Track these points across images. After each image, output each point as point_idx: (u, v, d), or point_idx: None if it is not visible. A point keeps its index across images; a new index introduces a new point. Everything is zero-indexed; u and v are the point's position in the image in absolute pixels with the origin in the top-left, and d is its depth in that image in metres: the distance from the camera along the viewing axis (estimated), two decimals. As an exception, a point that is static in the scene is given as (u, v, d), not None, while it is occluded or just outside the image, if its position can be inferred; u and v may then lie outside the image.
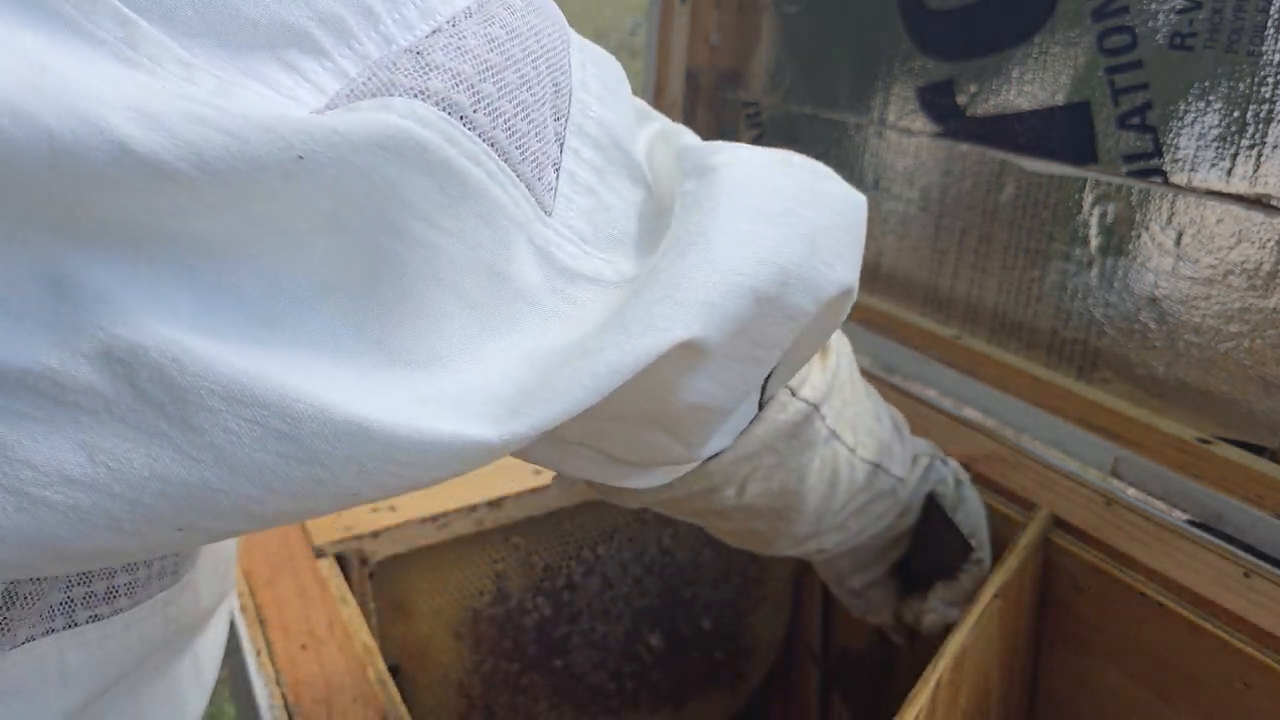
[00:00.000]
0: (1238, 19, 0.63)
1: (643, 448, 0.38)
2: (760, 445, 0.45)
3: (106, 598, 0.35)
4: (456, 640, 0.75)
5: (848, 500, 0.55)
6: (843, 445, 0.52)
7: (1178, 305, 0.70)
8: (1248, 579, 0.60)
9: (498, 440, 0.26)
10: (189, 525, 0.24)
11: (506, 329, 0.28)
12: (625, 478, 0.41)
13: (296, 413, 0.23)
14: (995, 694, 0.65)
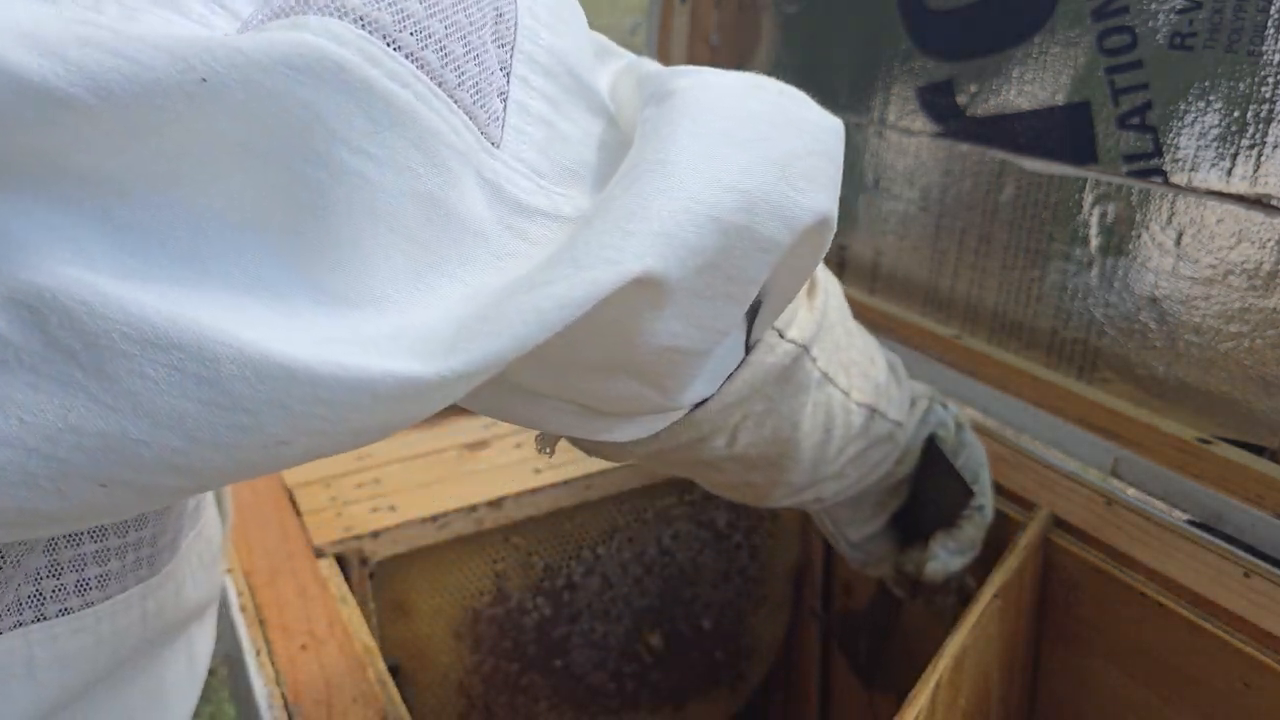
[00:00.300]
0: (1238, 19, 0.63)
1: (618, 398, 0.36)
2: (749, 391, 0.42)
3: (77, 590, 0.34)
4: (456, 640, 0.75)
5: (843, 446, 0.53)
6: (836, 389, 0.49)
7: (1178, 305, 0.70)
8: (1248, 579, 0.60)
9: (433, 376, 0.24)
10: (112, 480, 0.23)
11: (456, 267, 0.26)
12: (606, 431, 0.39)
13: (214, 354, 0.21)
14: (995, 694, 0.65)
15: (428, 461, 0.76)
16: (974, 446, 0.65)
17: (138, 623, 0.38)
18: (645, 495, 0.79)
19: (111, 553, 0.35)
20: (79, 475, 0.22)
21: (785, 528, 0.87)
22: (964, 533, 0.64)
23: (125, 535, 0.36)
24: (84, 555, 0.34)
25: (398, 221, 0.25)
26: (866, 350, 0.54)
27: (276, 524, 0.68)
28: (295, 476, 0.74)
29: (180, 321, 0.21)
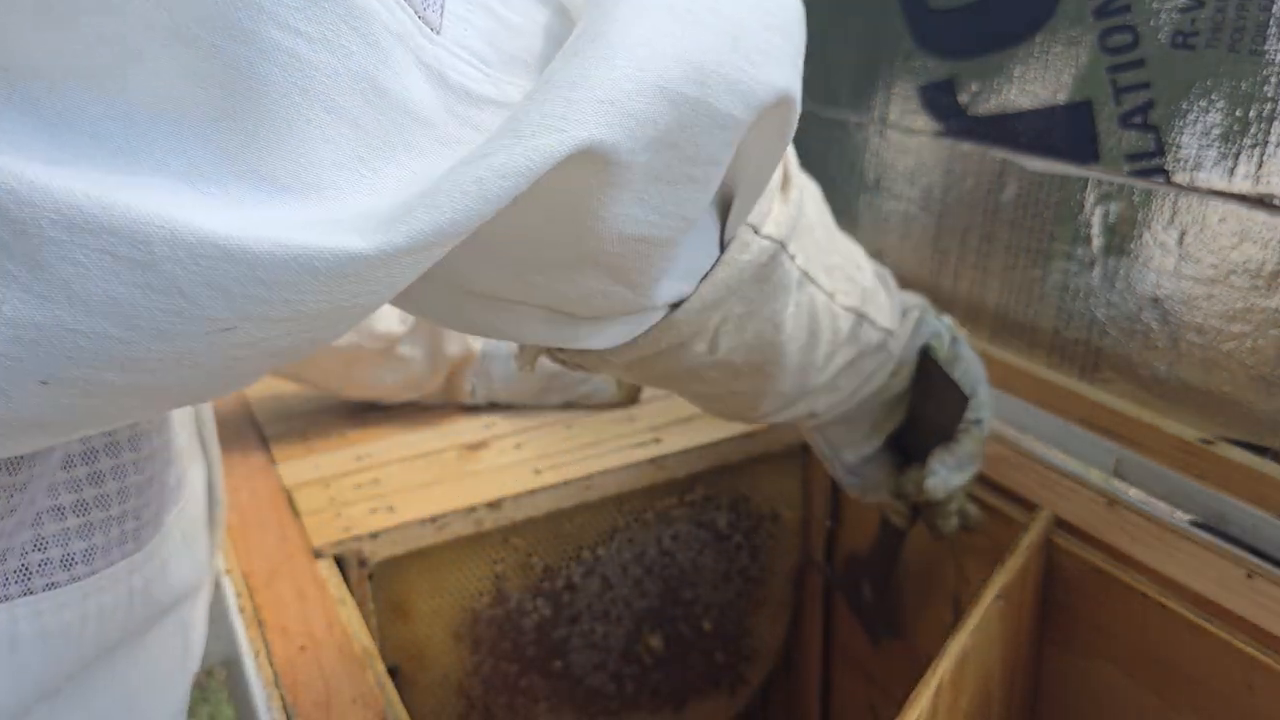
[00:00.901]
0: (1240, 18, 0.63)
1: (588, 297, 0.35)
2: (726, 290, 0.41)
3: (63, 565, 0.34)
4: (456, 642, 0.74)
5: (832, 353, 0.51)
6: (819, 290, 0.48)
7: (1180, 305, 0.70)
8: (1250, 580, 0.60)
9: (374, 251, 0.23)
10: (53, 378, 0.22)
11: (401, 153, 0.25)
12: (583, 337, 0.38)
13: (146, 236, 0.21)
14: (997, 695, 0.65)
15: (427, 462, 0.76)
16: (970, 359, 0.63)
17: (124, 600, 0.37)
18: (645, 496, 0.78)
19: (96, 526, 0.35)
20: (19, 371, 0.22)
21: (786, 528, 0.86)
22: (963, 447, 0.63)
23: (109, 509, 0.36)
24: (69, 529, 0.34)
25: (335, 103, 0.24)
26: (850, 255, 0.53)
27: (275, 525, 0.68)
28: (294, 478, 0.74)
29: (110, 205, 0.21)
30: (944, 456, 0.63)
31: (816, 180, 0.53)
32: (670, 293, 0.39)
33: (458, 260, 0.31)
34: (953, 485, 0.63)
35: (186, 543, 0.43)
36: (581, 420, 0.82)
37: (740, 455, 0.80)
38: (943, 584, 0.77)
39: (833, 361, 0.52)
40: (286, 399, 0.86)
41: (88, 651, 0.36)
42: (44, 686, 0.35)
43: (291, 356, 0.26)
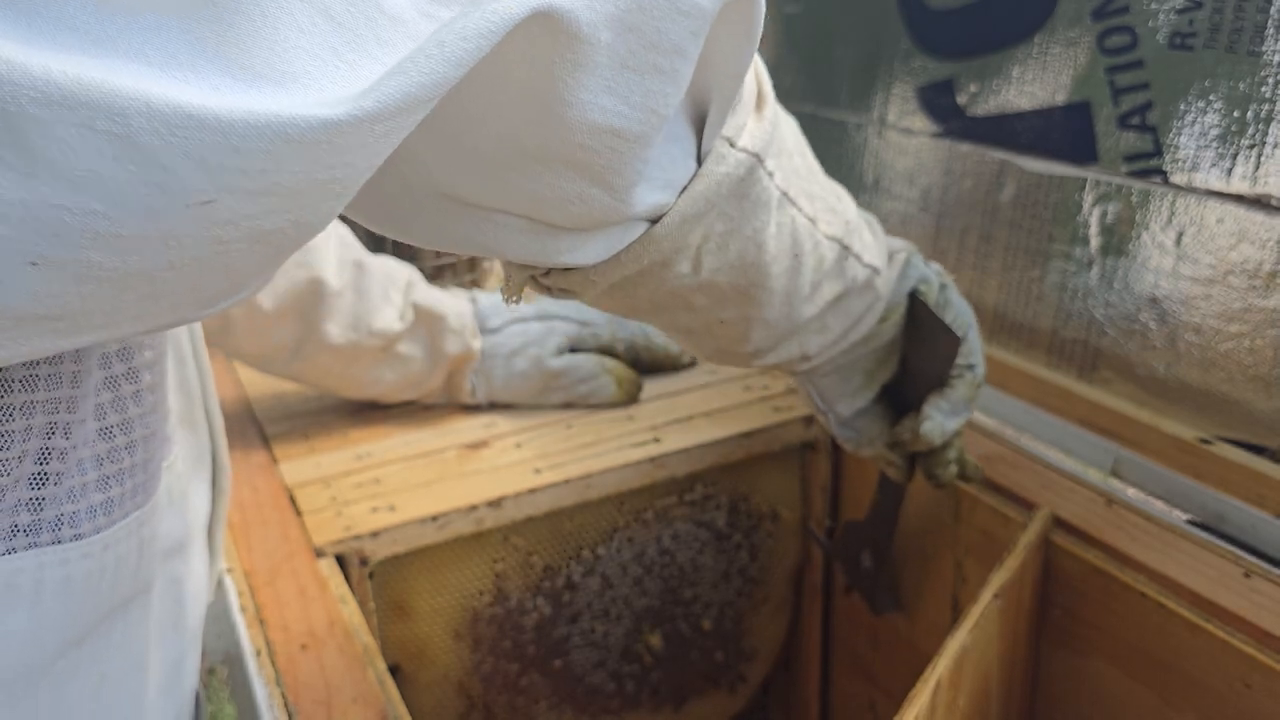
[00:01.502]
0: (1238, 19, 0.63)
1: (566, 201, 0.35)
2: (705, 203, 0.41)
3: (88, 515, 0.35)
4: (456, 640, 0.75)
5: (817, 281, 0.51)
6: (800, 213, 0.48)
7: (1178, 305, 0.70)
8: (1248, 579, 0.60)
9: (343, 116, 0.24)
10: (42, 258, 0.23)
11: (374, 47, 0.26)
12: (564, 251, 0.38)
13: (123, 109, 0.21)
14: (995, 694, 0.65)
15: (428, 461, 0.76)
16: (960, 305, 0.63)
17: (135, 552, 0.39)
18: (645, 495, 0.79)
19: (112, 480, 0.37)
20: (8, 250, 0.22)
21: (785, 527, 0.87)
22: (956, 392, 0.63)
23: (122, 461, 0.37)
24: (88, 483, 0.36)
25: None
26: (831, 189, 0.53)
27: (277, 524, 0.68)
28: (295, 477, 0.74)
29: (87, 82, 0.21)
30: (938, 402, 0.63)
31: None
32: (649, 202, 0.39)
33: (432, 158, 0.32)
34: (948, 430, 0.63)
35: (172, 499, 0.44)
36: (581, 420, 0.82)
37: (740, 454, 0.80)
38: (941, 583, 0.77)
39: (819, 293, 0.52)
40: (288, 399, 0.86)
41: (104, 603, 0.37)
42: (67, 635, 0.36)
43: (279, 244, 0.27)
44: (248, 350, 0.77)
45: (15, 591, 0.33)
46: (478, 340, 0.82)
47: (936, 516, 0.76)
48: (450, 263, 1.02)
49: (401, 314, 0.78)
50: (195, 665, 0.50)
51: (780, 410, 0.83)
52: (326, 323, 0.75)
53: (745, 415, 0.82)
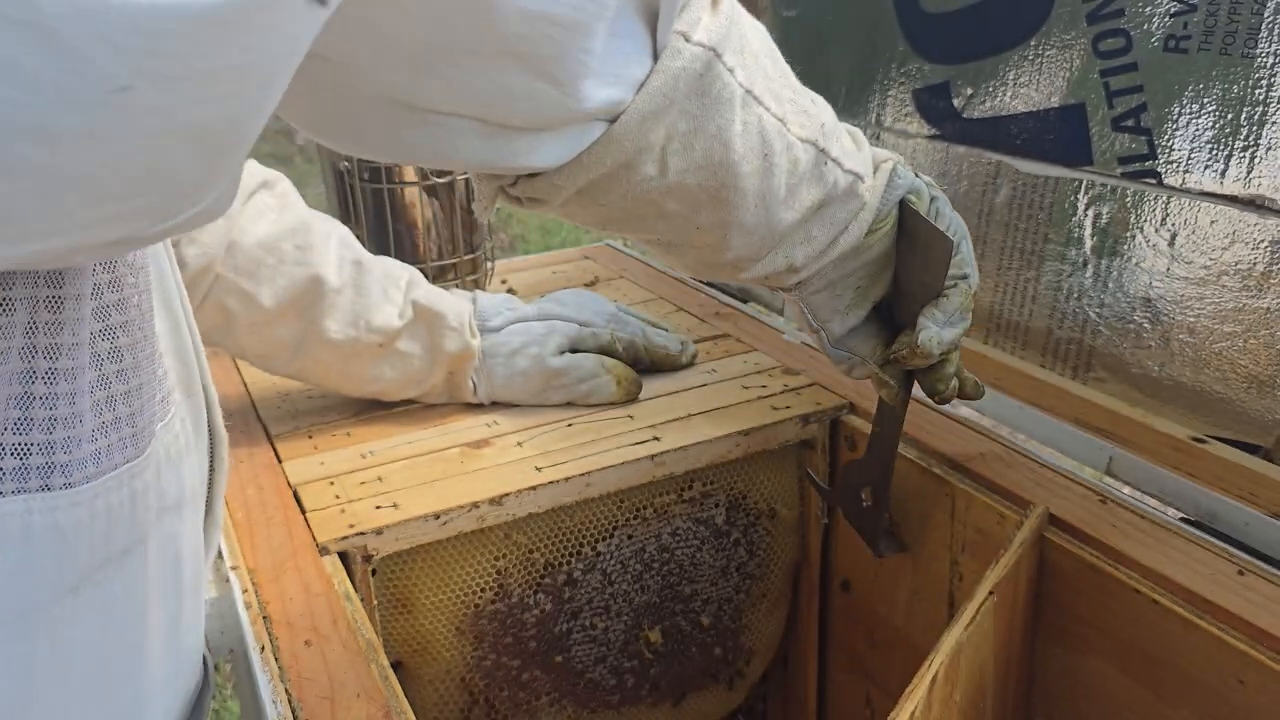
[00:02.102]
0: (1232, 21, 0.64)
1: (514, 98, 0.36)
2: (662, 99, 0.41)
3: (79, 464, 0.36)
4: (458, 636, 0.75)
5: (793, 185, 0.51)
6: (767, 113, 0.47)
7: (1172, 305, 0.70)
8: (1242, 576, 0.61)
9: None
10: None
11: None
12: (522, 153, 0.38)
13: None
14: (990, 690, 0.66)
15: (430, 460, 0.76)
16: (952, 216, 0.62)
17: (128, 501, 0.39)
18: (645, 493, 0.79)
19: (99, 429, 0.37)
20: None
21: (783, 525, 0.87)
22: (951, 302, 0.62)
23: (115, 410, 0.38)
24: (81, 434, 0.36)
25: None
26: (804, 92, 0.53)
27: (281, 521, 0.69)
28: (300, 475, 0.74)
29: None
30: (933, 313, 0.62)
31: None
32: (601, 98, 0.39)
33: (367, 58, 0.32)
34: (945, 340, 0.62)
35: (171, 459, 0.45)
36: (582, 419, 0.83)
37: (738, 453, 0.81)
38: (937, 580, 0.78)
39: (797, 198, 0.51)
40: (292, 398, 0.87)
41: (99, 552, 0.38)
42: (61, 582, 0.36)
43: (214, 143, 0.27)
44: (249, 348, 0.77)
45: (3, 535, 0.33)
46: (477, 339, 0.82)
47: (932, 514, 0.76)
48: (453, 263, 1.03)
49: (401, 311, 0.79)
50: (195, 624, 0.50)
51: (778, 409, 0.83)
52: (326, 319, 0.76)
53: (743, 414, 0.82)
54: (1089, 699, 0.68)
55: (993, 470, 0.72)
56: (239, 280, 0.74)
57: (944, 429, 0.78)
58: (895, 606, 0.83)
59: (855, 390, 0.85)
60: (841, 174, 0.54)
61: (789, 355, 0.93)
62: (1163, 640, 0.62)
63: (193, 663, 0.51)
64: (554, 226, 3.79)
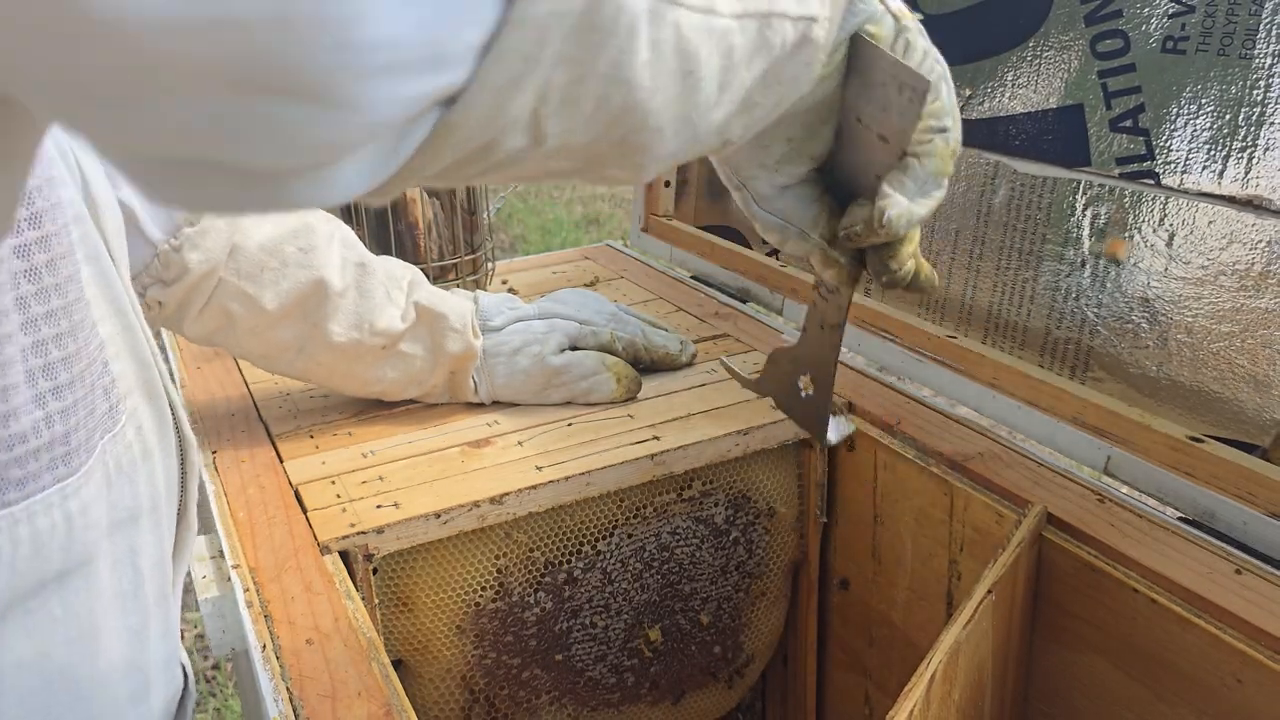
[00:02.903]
0: (1230, 23, 0.64)
1: (241, 132, 0.23)
2: (523, 63, 0.27)
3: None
4: (459, 635, 0.76)
5: (726, 81, 0.37)
6: (687, 10, 0.32)
7: (1170, 305, 0.71)
8: (1239, 575, 0.61)
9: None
10: None
11: None
12: (305, 196, 0.26)
13: None
14: (989, 688, 0.66)
15: (431, 459, 0.77)
16: (927, 49, 0.49)
17: (61, 525, 0.38)
18: (644, 492, 0.80)
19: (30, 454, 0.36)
20: None
21: (782, 524, 0.88)
22: (925, 165, 0.48)
23: (38, 438, 0.37)
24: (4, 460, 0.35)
25: None
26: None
27: (283, 521, 0.69)
28: (301, 475, 0.75)
29: None
30: (900, 179, 0.49)
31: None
32: (408, 94, 0.25)
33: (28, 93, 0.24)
34: (917, 215, 0.49)
35: (121, 470, 0.43)
36: (582, 418, 0.83)
37: (737, 452, 0.81)
38: (936, 579, 0.78)
39: (731, 88, 0.38)
40: (294, 398, 0.87)
41: (27, 576, 0.37)
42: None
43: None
44: (252, 350, 0.78)
45: None
46: (479, 339, 0.82)
47: (931, 514, 0.77)
48: (453, 263, 1.03)
49: (404, 313, 0.79)
50: (167, 634, 0.49)
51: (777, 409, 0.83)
52: (330, 322, 0.76)
53: (743, 413, 0.83)
54: (1087, 697, 0.68)
55: (991, 469, 0.72)
56: (241, 284, 0.74)
57: (942, 428, 0.79)
58: (894, 605, 0.84)
59: (854, 390, 0.85)
60: (791, 26, 0.40)
61: (788, 355, 0.93)
62: (1161, 639, 0.62)
63: (168, 673, 0.50)
64: (554, 227, 3.80)
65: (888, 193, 0.48)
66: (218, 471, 0.75)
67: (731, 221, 1.20)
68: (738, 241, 1.16)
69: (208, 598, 0.64)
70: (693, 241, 1.18)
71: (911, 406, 0.82)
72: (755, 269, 1.08)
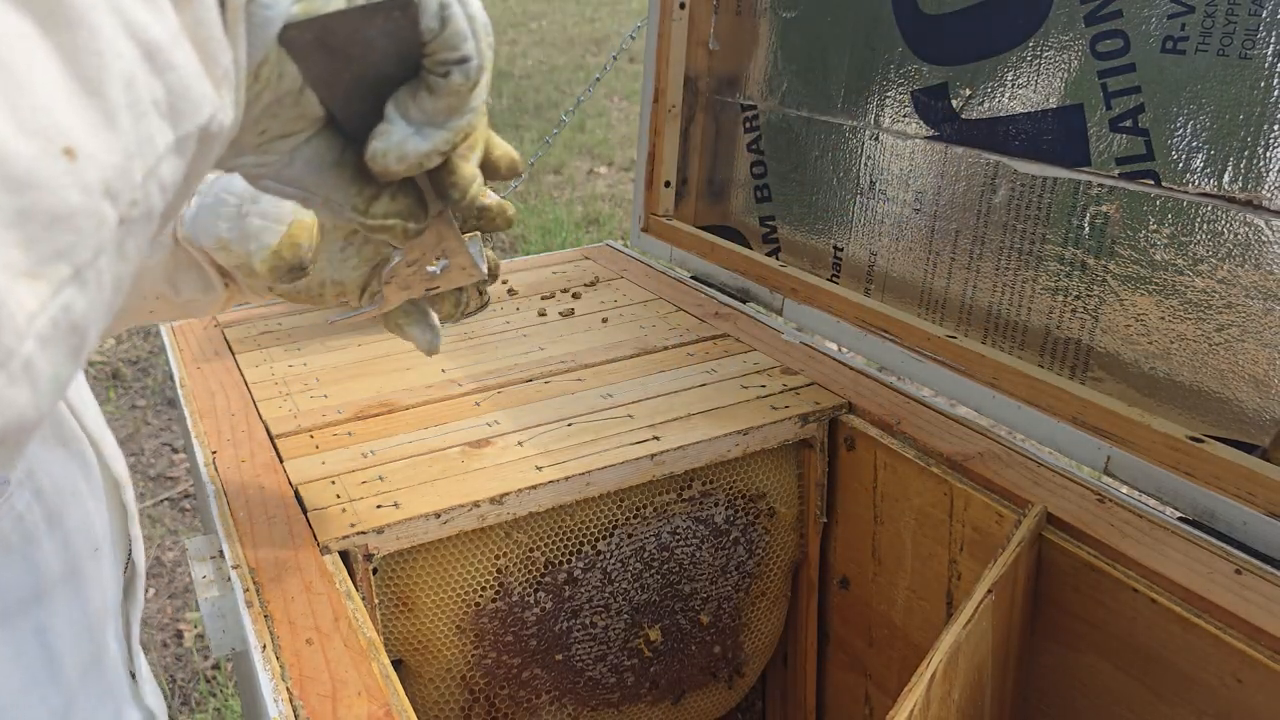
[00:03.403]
0: (1230, 23, 0.64)
1: None
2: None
3: None
4: (459, 635, 0.76)
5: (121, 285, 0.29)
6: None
7: (1169, 305, 0.71)
8: (1239, 575, 0.61)
9: None
10: None
11: None
12: None
13: None
14: (988, 688, 0.66)
15: (431, 459, 0.77)
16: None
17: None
18: (644, 492, 0.80)
19: None
20: None
21: (782, 523, 0.88)
22: (435, 99, 0.42)
23: None
24: None
25: None
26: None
27: (283, 521, 0.69)
28: (301, 475, 0.75)
29: None
30: (406, 104, 0.42)
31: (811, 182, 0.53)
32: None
33: None
34: (413, 150, 0.42)
35: (12, 548, 0.40)
36: (582, 419, 0.83)
37: (737, 452, 0.81)
38: (936, 579, 0.78)
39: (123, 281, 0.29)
40: (294, 398, 0.87)
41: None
42: None
43: None
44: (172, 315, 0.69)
45: None
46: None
47: (931, 513, 0.77)
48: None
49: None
50: (104, 694, 0.47)
51: (777, 409, 0.83)
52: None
53: (742, 413, 0.83)
54: (1087, 697, 0.68)
55: (991, 469, 0.72)
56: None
57: (942, 428, 0.79)
58: (894, 605, 0.84)
59: (854, 390, 0.85)
60: (170, 166, 0.30)
61: (788, 355, 0.93)
62: (1160, 638, 0.62)
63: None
64: (554, 227, 3.80)
65: (383, 128, 0.42)
66: (218, 471, 0.75)
67: (731, 221, 1.20)
68: (738, 241, 1.16)
69: (208, 598, 0.64)
70: (693, 241, 1.18)
71: (911, 406, 0.82)
72: (755, 269, 1.08)
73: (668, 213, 1.25)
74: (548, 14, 8.62)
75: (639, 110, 1.21)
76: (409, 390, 0.89)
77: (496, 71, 6.55)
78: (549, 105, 5.68)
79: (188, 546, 0.70)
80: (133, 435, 2.42)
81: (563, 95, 5.87)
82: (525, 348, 0.97)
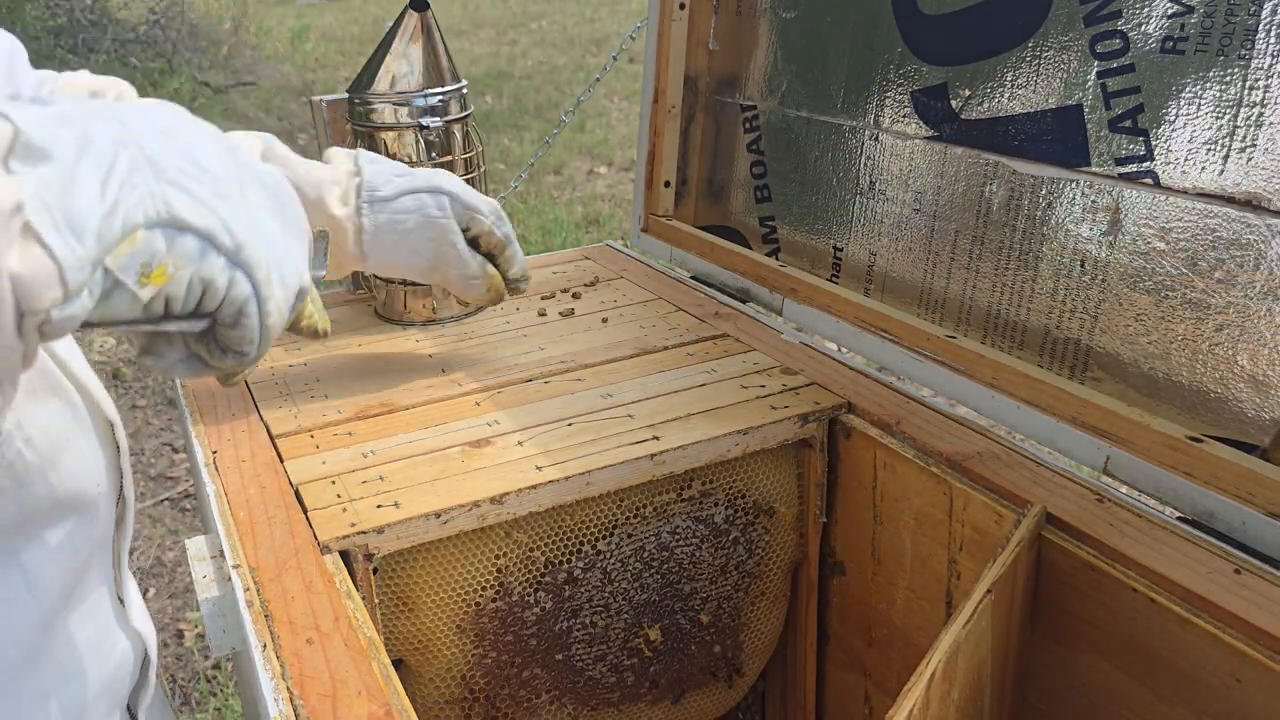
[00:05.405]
0: (1229, 23, 0.64)
1: None
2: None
3: None
4: (459, 634, 0.76)
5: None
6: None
7: (1169, 305, 0.71)
8: (1238, 575, 0.61)
9: None
10: None
11: None
12: None
13: None
14: (988, 687, 0.66)
15: (431, 459, 0.77)
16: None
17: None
18: (644, 492, 0.80)
19: None
20: None
21: (782, 523, 0.88)
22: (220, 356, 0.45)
23: None
24: None
25: None
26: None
27: (283, 521, 0.69)
28: (302, 475, 0.75)
29: None
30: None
31: (810, 183, 0.53)
32: None
33: None
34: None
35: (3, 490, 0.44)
36: (582, 419, 0.83)
37: (737, 452, 0.81)
38: (935, 579, 0.78)
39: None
40: (295, 398, 0.87)
41: None
42: None
43: None
44: None
45: None
46: (349, 207, 0.82)
47: (930, 513, 0.77)
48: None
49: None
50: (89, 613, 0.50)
51: (777, 408, 0.84)
52: None
53: (742, 413, 0.83)
54: (1086, 696, 0.68)
55: (990, 469, 0.72)
56: None
57: (942, 428, 0.79)
58: (893, 605, 0.84)
59: (854, 390, 0.85)
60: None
61: (788, 355, 0.93)
62: (1160, 638, 0.62)
63: (103, 651, 0.51)
64: (555, 227, 3.80)
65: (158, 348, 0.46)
66: (218, 471, 0.75)
67: (731, 222, 1.20)
68: (738, 241, 1.16)
69: (208, 597, 0.64)
70: (693, 241, 1.18)
71: (911, 406, 0.82)
72: (755, 269, 1.08)
73: (668, 213, 1.25)
74: (548, 14, 8.61)
75: (639, 110, 1.21)
76: (409, 390, 0.89)
77: (497, 72, 6.56)
78: (549, 105, 5.68)
79: (188, 546, 0.70)
80: (133, 435, 2.42)
81: (563, 95, 5.87)
82: (525, 348, 0.97)
